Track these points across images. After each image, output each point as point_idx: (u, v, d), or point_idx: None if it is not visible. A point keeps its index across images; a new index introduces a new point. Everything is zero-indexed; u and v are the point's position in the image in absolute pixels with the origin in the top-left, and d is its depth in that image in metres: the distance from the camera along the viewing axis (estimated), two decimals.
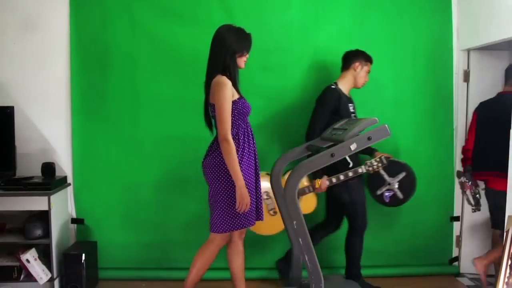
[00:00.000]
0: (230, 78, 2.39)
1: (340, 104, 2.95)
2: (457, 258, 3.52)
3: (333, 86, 3.01)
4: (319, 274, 2.18)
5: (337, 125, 2.54)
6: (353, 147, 2.16)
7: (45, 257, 3.02)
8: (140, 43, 3.32)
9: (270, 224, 2.98)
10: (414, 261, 3.47)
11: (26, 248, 2.97)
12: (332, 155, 2.15)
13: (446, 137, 3.46)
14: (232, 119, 2.38)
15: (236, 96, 2.42)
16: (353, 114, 3.05)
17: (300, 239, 2.18)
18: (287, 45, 3.36)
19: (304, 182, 2.98)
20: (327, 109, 2.94)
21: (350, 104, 3.05)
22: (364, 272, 3.32)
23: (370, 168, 2.84)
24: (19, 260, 2.93)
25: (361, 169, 2.85)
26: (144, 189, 3.38)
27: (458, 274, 3.46)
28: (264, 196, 2.91)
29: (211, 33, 2.48)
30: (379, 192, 3.07)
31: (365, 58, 3.02)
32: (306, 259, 2.18)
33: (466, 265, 3.47)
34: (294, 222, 2.17)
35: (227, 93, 2.34)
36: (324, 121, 2.91)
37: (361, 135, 2.21)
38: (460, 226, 3.50)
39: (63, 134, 3.37)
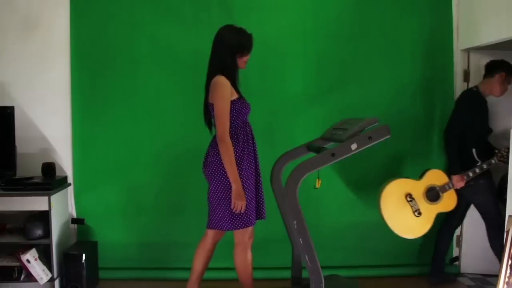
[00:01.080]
0: (229, 78, 2.39)
1: (480, 106, 3.10)
2: (457, 258, 3.52)
3: (474, 89, 3.14)
4: (320, 274, 2.18)
5: (337, 125, 2.54)
6: (353, 147, 2.16)
7: (45, 257, 3.02)
8: (140, 44, 3.32)
9: (415, 226, 3.07)
10: (414, 261, 3.47)
11: (27, 248, 2.97)
12: (333, 155, 2.15)
13: None
14: (230, 119, 2.39)
15: (235, 96, 2.42)
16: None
17: (300, 239, 2.18)
18: (287, 45, 3.36)
19: (444, 179, 3.09)
20: (467, 109, 3.08)
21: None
22: (364, 272, 3.34)
23: (502, 159, 2.98)
24: (20, 260, 2.92)
25: (494, 160, 3.01)
26: (144, 189, 3.38)
27: (459, 274, 3.46)
28: (408, 198, 3.04)
29: (211, 34, 2.49)
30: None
31: (510, 71, 3.11)
32: (307, 259, 2.18)
33: (467, 265, 3.47)
34: (295, 222, 2.17)
35: (225, 93, 2.35)
36: (464, 120, 3.07)
37: (361, 135, 2.21)
38: (461, 225, 3.49)
39: (63, 134, 3.38)
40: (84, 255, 3.00)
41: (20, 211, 3.08)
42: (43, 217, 2.99)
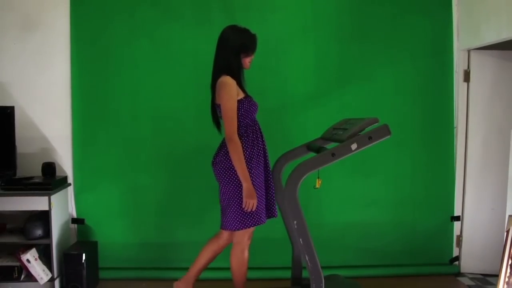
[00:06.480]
0: (234, 78, 2.40)
1: None
2: (457, 258, 3.52)
3: None
4: (320, 274, 2.18)
5: (337, 125, 2.54)
6: (353, 146, 2.16)
7: (45, 257, 3.02)
8: (140, 43, 3.32)
9: None
10: (414, 261, 3.47)
11: (27, 248, 2.97)
12: (333, 155, 2.16)
13: (446, 137, 3.46)
14: (239, 119, 2.39)
15: (242, 95, 2.43)
16: None
17: (300, 239, 2.18)
18: (287, 45, 3.36)
19: None
20: None
21: None
22: (364, 272, 3.33)
23: None
24: (20, 260, 2.92)
25: None
26: (144, 189, 3.38)
27: (459, 274, 3.46)
28: None
29: (211, 34, 2.49)
30: None
31: None
32: (307, 259, 2.18)
33: (467, 265, 3.47)
34: (295, 222, 2.17)
35: (232, 93, 2.35)
36: None
37: (361, 134, 2.21)
38: (461, 225, 3.49)
39: (63, 134, 3.38)
40: (84, 255, 2.99)
41: (20, 211, 3.09)
42: (43, 217, 2.99)
